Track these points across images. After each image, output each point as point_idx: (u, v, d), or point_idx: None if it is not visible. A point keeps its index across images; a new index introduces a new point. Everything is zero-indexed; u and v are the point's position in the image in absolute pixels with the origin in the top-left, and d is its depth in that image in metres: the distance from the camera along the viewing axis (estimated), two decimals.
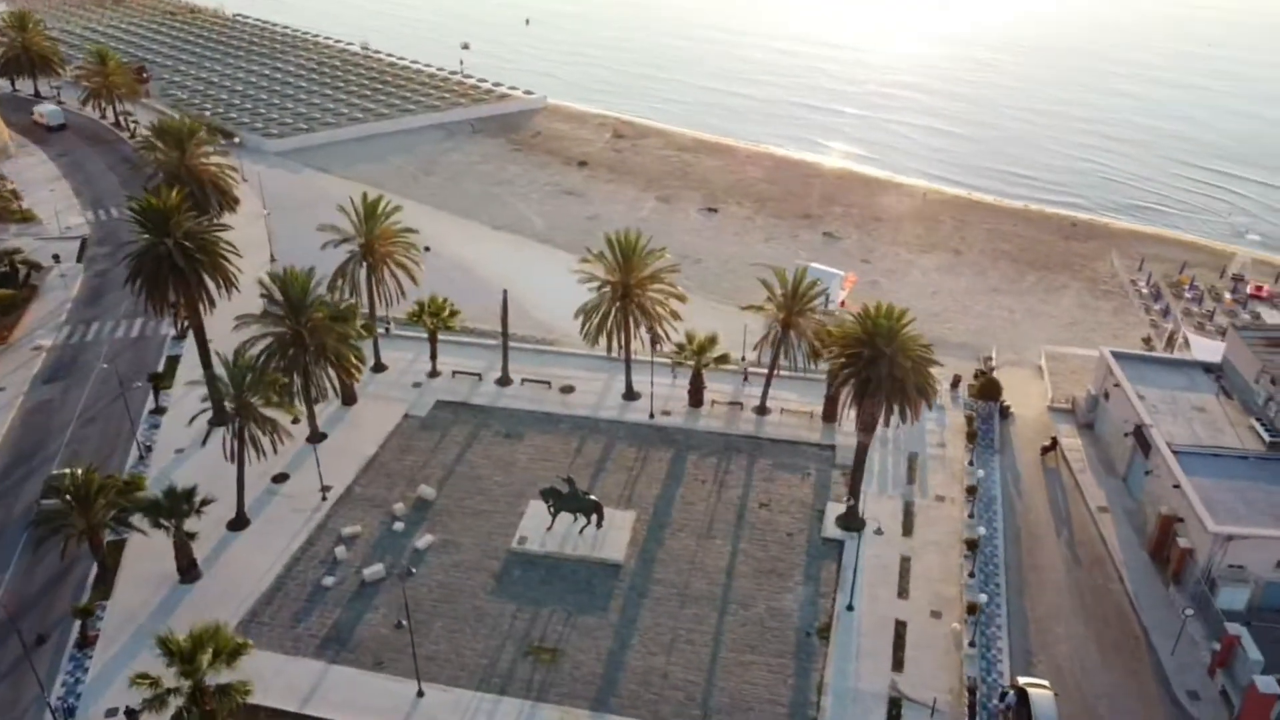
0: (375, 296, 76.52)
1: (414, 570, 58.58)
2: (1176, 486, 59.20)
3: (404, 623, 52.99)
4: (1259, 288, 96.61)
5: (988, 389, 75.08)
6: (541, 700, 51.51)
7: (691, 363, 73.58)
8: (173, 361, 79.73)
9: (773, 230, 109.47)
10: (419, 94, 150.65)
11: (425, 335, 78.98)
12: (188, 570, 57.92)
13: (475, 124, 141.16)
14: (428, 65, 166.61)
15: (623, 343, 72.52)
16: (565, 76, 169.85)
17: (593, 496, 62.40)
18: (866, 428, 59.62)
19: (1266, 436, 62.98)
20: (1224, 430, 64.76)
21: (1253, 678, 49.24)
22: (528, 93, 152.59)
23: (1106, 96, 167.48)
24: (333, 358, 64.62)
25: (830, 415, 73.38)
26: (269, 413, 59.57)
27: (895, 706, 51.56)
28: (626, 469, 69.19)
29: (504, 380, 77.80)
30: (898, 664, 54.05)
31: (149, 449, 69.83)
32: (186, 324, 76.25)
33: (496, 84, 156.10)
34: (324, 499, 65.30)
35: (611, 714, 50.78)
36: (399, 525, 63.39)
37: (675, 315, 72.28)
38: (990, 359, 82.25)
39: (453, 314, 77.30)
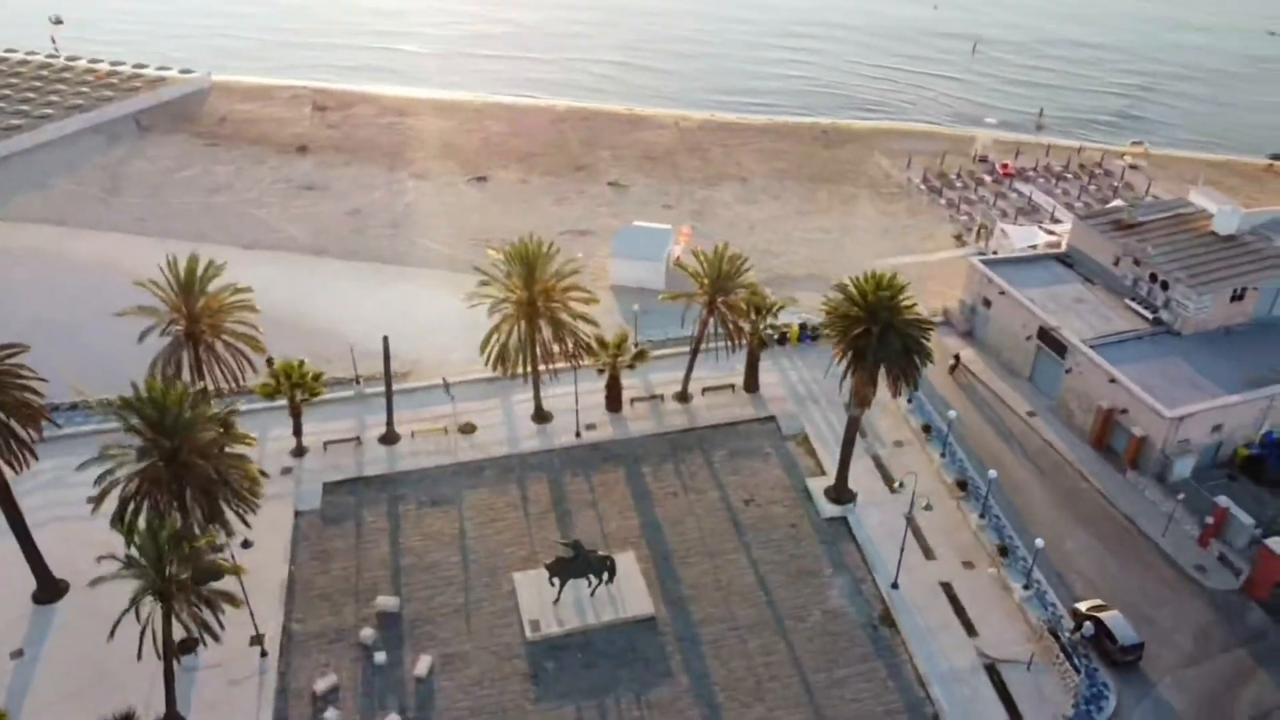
0: (209, 379, 60.37)
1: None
2: (1113, 381, 63.73)
3: None
4: (1005, 166, 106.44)
5: None
6: None
7: (606, 366, 66.79)
8: None
9: (555, 190, 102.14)
10: (43, 92, 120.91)
11: (267, 405, 64.51)
12: None
13: (141, 119, 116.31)
14: (13, 51, 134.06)
15: (532, 363, 63.83)
16: (198, 45, 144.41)
17: (600, 552, 54.98)
18: (862, 402, 57.48)
19: (1149, 314, 69.55)
20: (1109, 317, 70.64)
21: (1264, 541, 54.89)
22: (185, 72, 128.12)
23: (766, 11, 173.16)
24: (231, 487, 49.93)
25: (752, 385, 70.51)
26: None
27: (994, 672, 51.48)
28: (587, 503, 61.88)
29: (390, 437, 65.88)
30: (969, 629, 53.89)
31: None
32: None
33: (139, 66, 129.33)
34: (264, 654, 51.62)
35: None
36: (379, 656, 51.77)
37: (589, 319, 64.69)
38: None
39: (316, 376, 63.37)
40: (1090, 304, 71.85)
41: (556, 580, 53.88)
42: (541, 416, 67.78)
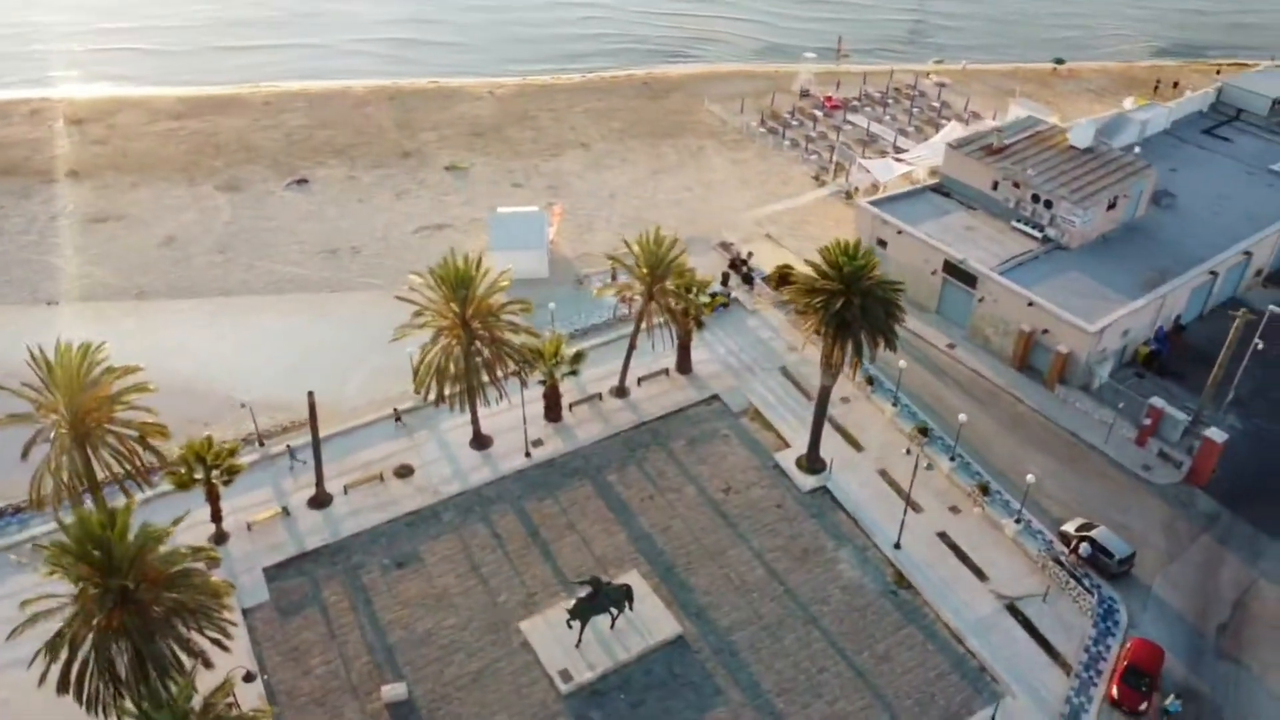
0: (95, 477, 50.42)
1: None
2: (1031, 304, 66.54)
3: None
4: (828, 99, 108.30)
5: (783, 277, 75.02)
6: None
7: (545, 378, 62.21)
8: None
9: (389, 183, 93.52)
10: None
11: (159, 492, 55.30)
12: None
13: None
14: None
15: (469, 389, 58.19)
16: None
17: (615, 581, 51.37)
18: (835, 372, 56.57)
19: (1038, 233, 72.96)
20: (1002, 241, 73.54)
21: (1205, 433, 59.52)
22: None
23: None
24: (201, 612, 42.01)
25: (685, 366, 68.21)
26: None
27: (1015, 611, 53.07)
28: (564, 527, 57.73)
29: (321, 499, 58.38)
30: (979, 574, 55.18)
31: None
32: None
33: None
34: None
35: None
36: None
37: (532, 332, 59.65)
38: (730, 245, 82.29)
39: (231, 450, 54.54)
40: (981, 231, 74.50)
41: (577, 623, 49.93)
42: (481, 442, 62.31)
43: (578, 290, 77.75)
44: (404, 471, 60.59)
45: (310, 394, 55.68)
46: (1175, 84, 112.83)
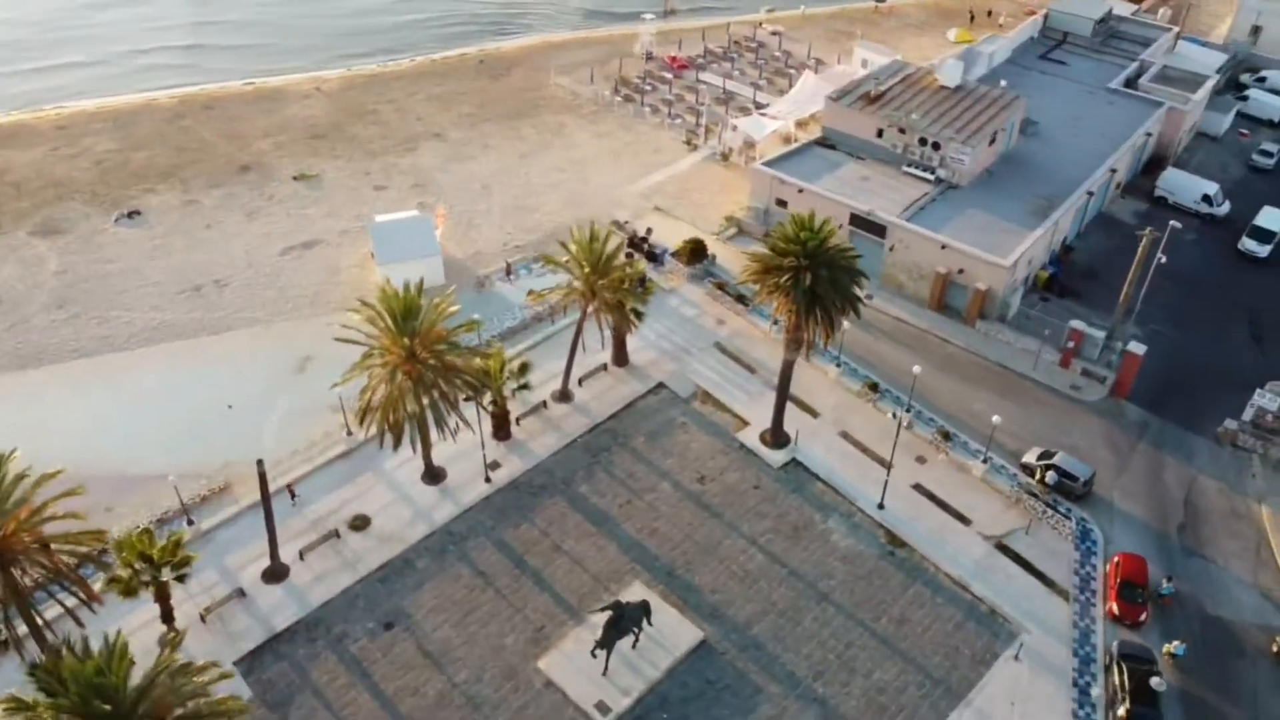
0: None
1: None
2: (944, 247, 68.49)
3: None
4: (673, 59, 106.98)
5: (695, 250, 74.02)
6: None
7: (495, 397, 58.54)
8: None
9: (234, 202, 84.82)
10: None
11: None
12: None
13: None
14: None
15: (422, 424, 53.81)
16: None
17: (635, 600, 49.23)
18: (798, 346, 56.08)
19: (929, 175, 74.94)
20: (897, 187, 75.08)
21: (1126, 346, 63.51)
22: None
23: None
24: None
25: (621, 359, 66.12)
26: None
27: (1005, 549, 55.08)
28: (550, 549, 54.88)
29: (278, 571, 52.81)
30: (961, 519, 56.81)
31: None
32: None
33: None
34: None
35: None
36: None
37: (483, 355, 55.72)
38: (625, 223, 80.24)
39: (176, 543, 47.98)
40: (875, 180, 75.78)
41: (602, 651, 47.66)
42: (434, 476, 58.10)
43: (480, 294, 73.60)
44: (360, 523, 55.66)
45: (259, 462, 49.72)
46: (989, 12, 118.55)
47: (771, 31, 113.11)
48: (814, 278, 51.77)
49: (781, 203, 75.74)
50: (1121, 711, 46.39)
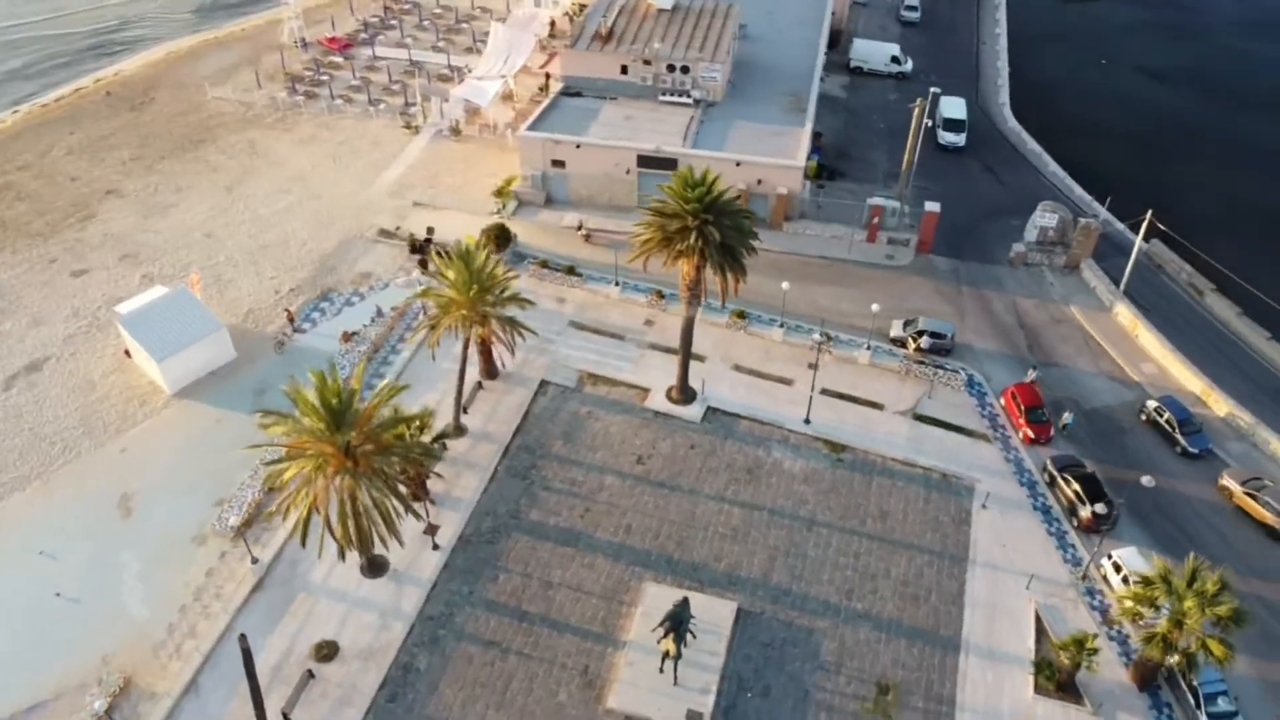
0: None
1: None
2: (739, 164, 70.69)
3: None
4: (332, 40, 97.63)
5: (500, 235, 69.91)
6: None
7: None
8: None
9: None
10: None
11: None
12: None
13: None
14: None
15: (357, 524, 47.11)
16: None
17: (677, 600, 47.59)
18: (696, 299, 55.79)
19: (687, 99, 76.20)
20: (663, 117, 75.83)
21: (924, 208, 70.31)
22: None
23: None
24: None
25: (491, 371, 61.85)
26: None
27: (921, 418, 60.07)
28: (543, 591, 51.15)
29: None
30: (874, 406, 60.97)
31: None
32: None
33: None
34: None
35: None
36: None
37: (422, 421, 49.41)
38: (396, 230, 73.95)
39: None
40: (638, 116, 75.65)
41: (670, 663, 46.14)
42: (376, 567, 51.41)
43: (281, 355, 64.65)
44: (328, 651, 48.02)
45: (242, 636, 40.84)
46: None
47: None
48: (721, 230, 51.35)
49: (559, 163, 73.44)
50: (1086, 513, 53.29)
